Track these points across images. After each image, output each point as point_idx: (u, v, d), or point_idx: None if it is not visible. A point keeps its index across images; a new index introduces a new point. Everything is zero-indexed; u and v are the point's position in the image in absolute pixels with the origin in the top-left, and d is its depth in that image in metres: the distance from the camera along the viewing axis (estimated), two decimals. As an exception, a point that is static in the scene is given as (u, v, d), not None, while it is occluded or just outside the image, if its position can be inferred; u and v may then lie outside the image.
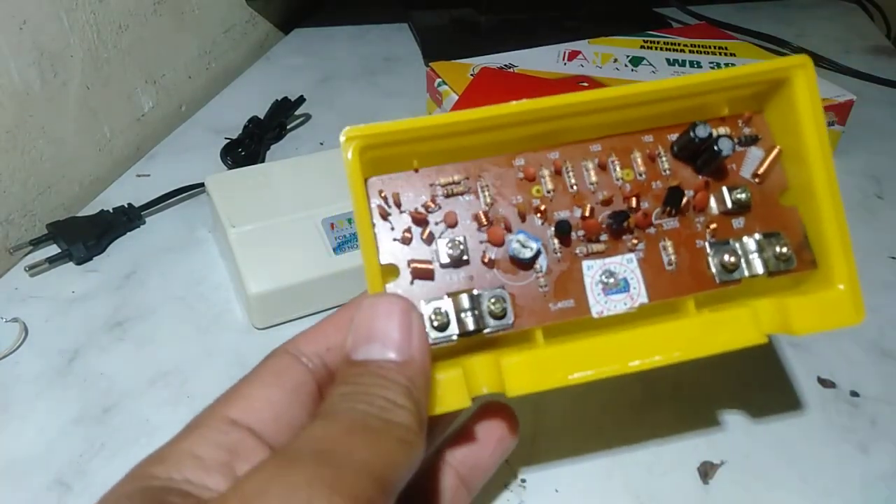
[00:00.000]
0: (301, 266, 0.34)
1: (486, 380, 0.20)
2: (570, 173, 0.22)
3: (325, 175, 0.38)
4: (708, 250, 0.22)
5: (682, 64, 0.53)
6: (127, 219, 0.41)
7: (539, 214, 0.22)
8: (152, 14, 0.49)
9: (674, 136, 0.23)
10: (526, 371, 0.20)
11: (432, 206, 0.21)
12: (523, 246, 0.21)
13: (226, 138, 0.48)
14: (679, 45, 0.56)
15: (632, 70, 0.53)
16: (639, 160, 0.22)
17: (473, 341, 0.21)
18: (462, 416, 0.23)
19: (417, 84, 0.55)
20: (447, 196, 0.21)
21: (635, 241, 0.22)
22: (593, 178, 0.22)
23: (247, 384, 0.19)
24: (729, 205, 0.22)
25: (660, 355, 0.21)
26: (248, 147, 0.47)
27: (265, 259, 0.34)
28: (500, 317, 0.21)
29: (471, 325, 0.20)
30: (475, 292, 0.21)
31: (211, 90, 0.57)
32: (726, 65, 0.53)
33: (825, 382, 0.32)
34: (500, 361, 0.20)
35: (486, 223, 0.21)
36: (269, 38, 0.67)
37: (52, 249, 0.39)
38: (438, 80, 0.49)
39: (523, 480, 0.28)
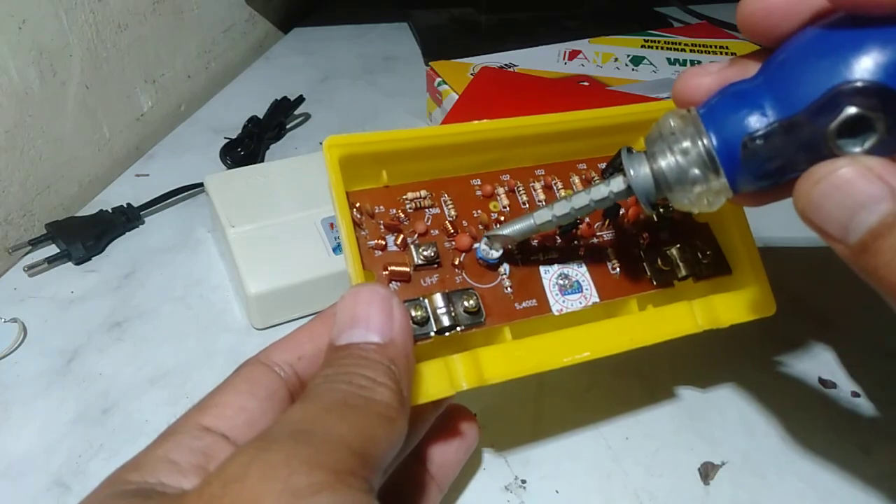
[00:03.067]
0: (300, 266, 0.34)
1: (465, 373, 0.21)
2: (522, 192, 0.25)
3: (324, 175, 0.38)
4: (643, 257, 0.25)
5: (683, 63, 0.53)
6: (126, 219, 0.41)
7: (499, 225, 0.24)
8: (151, 13, 0.49)
9: (603, 165, 0.26)
10: (503, 360, 0.22)
11: (403, 216, 0.23)
12: (490, 248, 0.23)
13: (225, 138, 0.48)
14: (680, 44, 0.56)
15: (632, 69, 0.53)
16: (577, 182, 0.26)
17: (448, 341, 0.22)
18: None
19: (417, 83, 0.54)
20: (416, 209, 0.23)
21: (583, 249, 0.25)
22: (542, 196, 0.25)
23: (220, 393, 0.19)
24: (656, 218, 0.26)
25: (617, 344, 0.24)
26: (248, 147, 0.47)
27: (264, 259, 0.34)
28: (473, 312, 0.22)
29: (446, 322, 0.22)
30: (448, 292, 0.22)
31: (210, 90, 0.57)
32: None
33: (826, 383, 0.32)
34: (478, 355, 0.22)
35: (452, 231, 0.23)
36: (269, 38, 0.67)
37: (51, 249, 0.39)
38: (438, 79, 0.49)
39: (523, 481, 0.28)
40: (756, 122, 0.18)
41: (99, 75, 0.45)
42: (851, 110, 0.16)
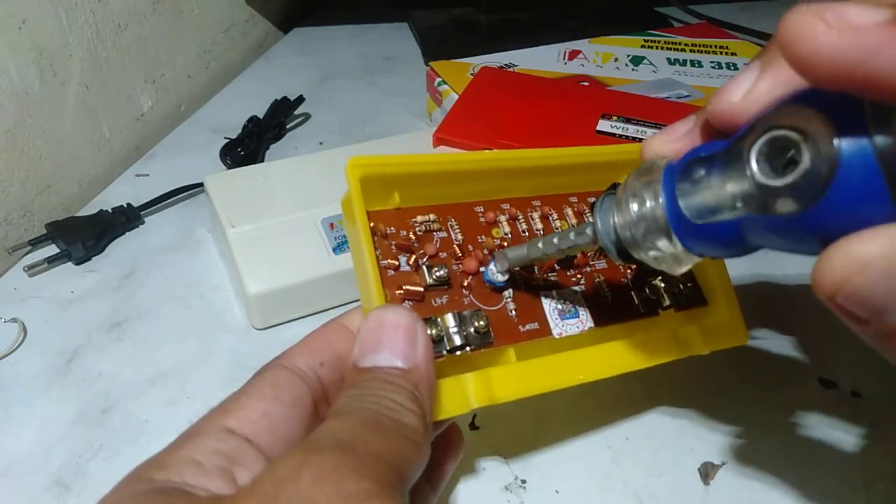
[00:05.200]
0: (300, 266, 0.34)
1: (476, 391, 0.22)
2: (521, 221, 0.26)
3: (324, 175, 0.38)
4: (631, 286, 0.27)
5: (683, 63, 0.53)
6: (126, 219, 0.41)
7: (494, 258, 0.24)
8: (151, 13, 0.49)
9: (592, 199, 0.28)
10: (512, 381, 0.23)
11: (413, 238, 0.23)
12: (497, 272, 0.24)
13: (225, 138, 0.48)
14: (680, 44, 0.56)
15: (632, 69, 0.53)
16: (570, 214, 0.27)
17: (455, 360, 0.22)
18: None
19: (417, 83, 0.54)
20: (425, 232, 0.24)
21: (578, 276, 0.26)
22: (539, 226, 0.26)
23: (244, 396, 0.19)
24: (622, 264, 0.27)
25: (613, 368, 0.25)
26: (248, 147, 0.47)
27: (264, 259, 0.34)
28: (483, 333, 0.23)
29: (458, 341, 0.22)
30: (459, 312, 0.23)
31: (210, 90, 0.57)
32: (727, 64, 0.53)
33: (826, 383, 0.32)
34: (488, 375, 0.22)
35: (460, 255, 0.24)
36: (269, 38, 0.67)
37: (51, 249, 0.39)
38: (438, 79, 0.49)
39: (523, 481, 0.28)
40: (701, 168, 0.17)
41: (99, 75, 0.45)
42: (772, 132, 0.15)
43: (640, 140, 0.40)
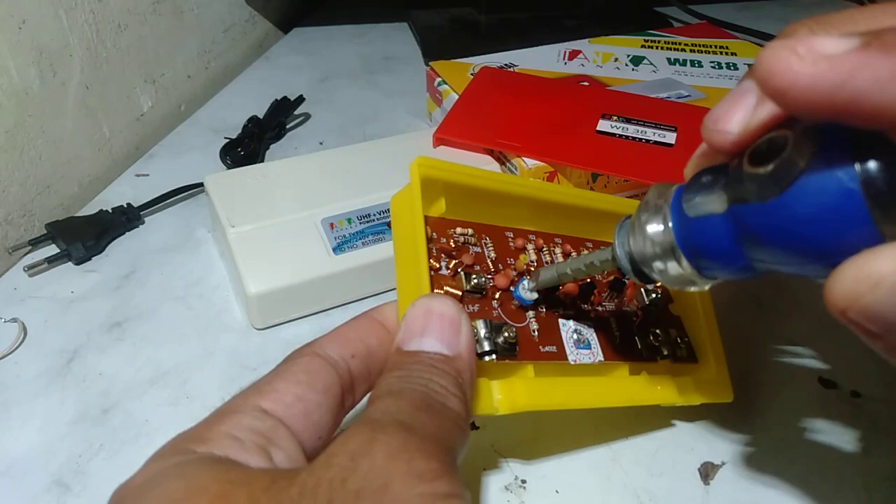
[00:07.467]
0: (300, 266, 0.34)
1: (502, 399, 0.23)
2: (545, 252, 0.27)
3: (324, 175, 0.38)
4: (635, 331, 0.28)
5: (683, 63, 0.53)
6: (126, 219, 0.41)
7: (528, 276, 0.26)
8: (151, 13, 0.49)
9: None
10: (533, 394, 0.24)
11: (452, 246, 0.24)
12: (528, 290, 0.25)
13: (225, 138, 0.48)
14: (680, 44, 0.56)
15: (632, 70, 0.53)
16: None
17: (480, 367, 0.23)
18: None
19: (417, 83, 0.54)
20: (463, 244, 0.25)
21: (593, 313, 0.28)
22: (560, 260, 0.27)
23: (278, 379, 0.19)
24: (646, 301, 0.29)
25: (620, 400, 0.27)
26: (248, 147, 0.47)
27: (264, 259, 0.34)
28: (511, 344, 0.23)
29: (487, 347, 0.23)
30: (491, 321, 0.23)
31: (210, 90, 0.57)
32: (727, 64, 0.53)
33: (826, 383, 0.32)
34: (512, 385, 0.23)
35: (492, 270, 0.25)
36: (269, 38, 0.67)
37: (51, 249, 0.39)
38: (438, 79, 0.49)
39: (523, 481, 0.28)
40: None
41: (99, 75, 0.45)
42: (770, 133, 0.15)
43: (640, 140, 0.40)
